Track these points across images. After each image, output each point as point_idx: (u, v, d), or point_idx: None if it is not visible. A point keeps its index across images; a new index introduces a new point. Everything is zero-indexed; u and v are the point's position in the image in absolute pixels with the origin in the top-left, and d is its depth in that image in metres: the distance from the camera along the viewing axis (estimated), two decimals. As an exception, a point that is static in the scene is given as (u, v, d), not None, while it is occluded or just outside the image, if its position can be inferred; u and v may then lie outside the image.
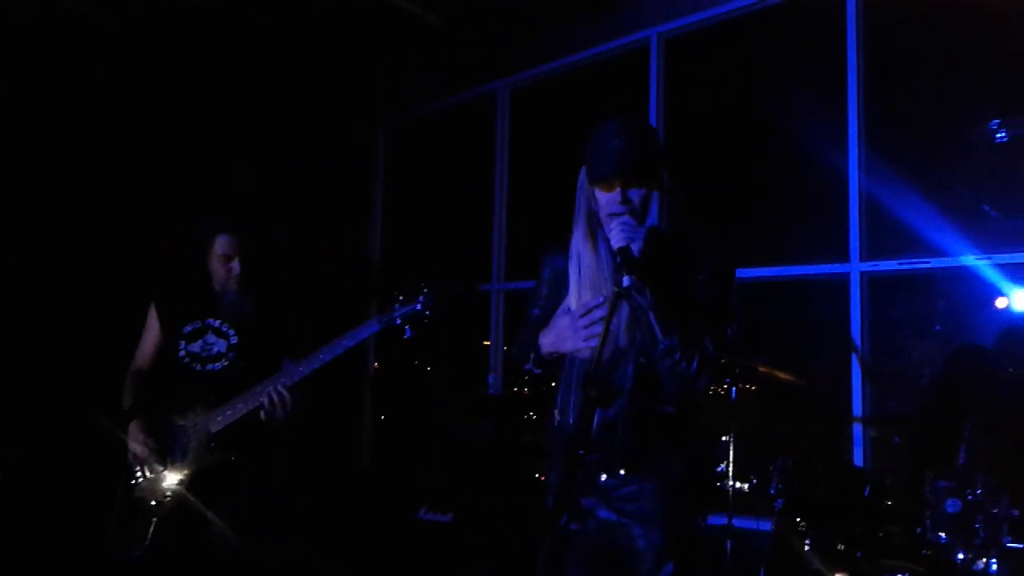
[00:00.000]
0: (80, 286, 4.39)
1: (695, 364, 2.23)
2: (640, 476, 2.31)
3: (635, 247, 2.19)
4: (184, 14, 4.53)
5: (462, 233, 5.78)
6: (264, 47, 4.96)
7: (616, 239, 2.21)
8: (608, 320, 2.12)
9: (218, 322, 3.30)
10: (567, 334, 2.31)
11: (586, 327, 2.26)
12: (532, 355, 2.43)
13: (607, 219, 2.30)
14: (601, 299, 2.25)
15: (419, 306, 3.01)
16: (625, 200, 2.27)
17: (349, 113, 5.88)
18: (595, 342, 2.16)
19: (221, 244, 3.26)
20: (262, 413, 3.07)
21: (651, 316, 2.22)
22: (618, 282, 2.16)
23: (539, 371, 2.45)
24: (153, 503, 3.18)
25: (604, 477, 2.32)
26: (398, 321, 3.01)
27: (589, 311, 2.26)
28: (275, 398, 3.04)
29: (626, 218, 2.25)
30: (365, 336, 3.04)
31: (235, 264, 3.25)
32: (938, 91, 4.02)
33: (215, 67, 4.89)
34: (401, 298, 3.03)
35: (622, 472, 2.31)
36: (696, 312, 2.28)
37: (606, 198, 2.31)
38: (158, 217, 4.45)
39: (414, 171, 6.14)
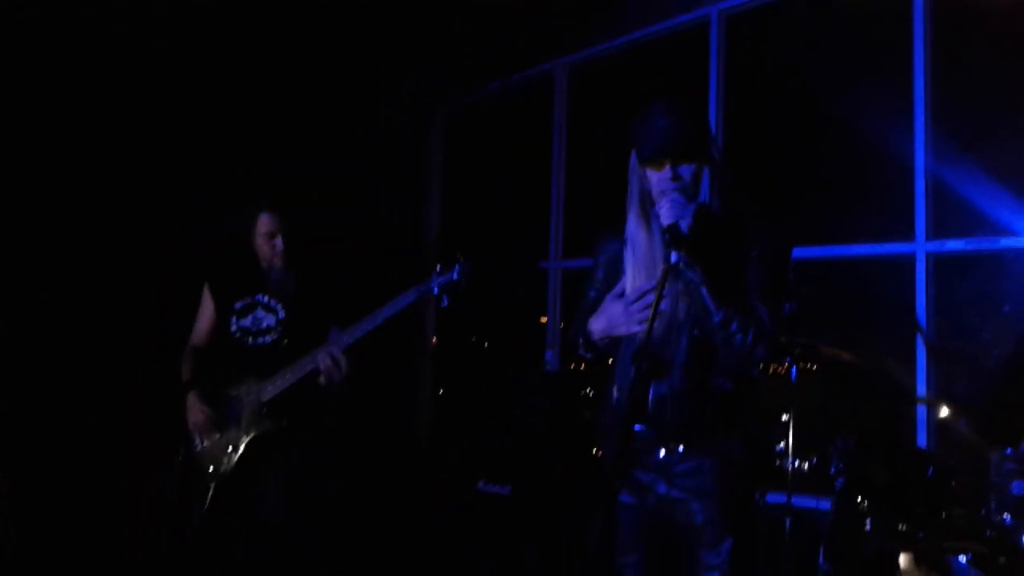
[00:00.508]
0: (140, 269, 4.52)
1: (751, 336, 2.23)
2: (697, 452, 2.32)
3: (684, 224, 2.20)
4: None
5: (521, 212, 5.80)
6: (320, 27, 4.99)
7: (665, 216, 2.23)
8: (658, 295, 2.14)
9: (266, 298, 3.42)
10: (620, 319, 2.32)
11: (640, 311, 2.27)
12: (582, 340, 2.45)
13: (659, 197, 2.30)
14: (654, 283, 2.23)
15: (455, 276, 3.09)
16: (676, 176, 2.29)
17: (407, 92, 5.91)
18: (644, 326, 2.17)
19: (264, 222, 3.38)
20: (321, 378, 3.17)
21: (703, 290, 2.23)
22: (667, 257, 2.18)
23: (590, 355, 2.47)
24: (211, 469, 3.33)
25: (663, 453, 2.34)
26: (435, 291, 3.11)
27: (642, 295, 2.27)
28: (329, 362, 3.13)
29: (675, 196, 2.26)
30: (404, 305, 3.14)
31: (278, 241, 3.37)
32: (1008, 66, 3.92)
33: (266, 46, 4.93)
34: (439, 268, 3.13)
35: (680, 448, 2.33)
36: (747, 289, 2.29)
37: (657, 176, 2.32)
38: (211, 200, 4.55)
39: (474, 151, 6.17)
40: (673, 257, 2.16)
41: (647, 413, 2.30)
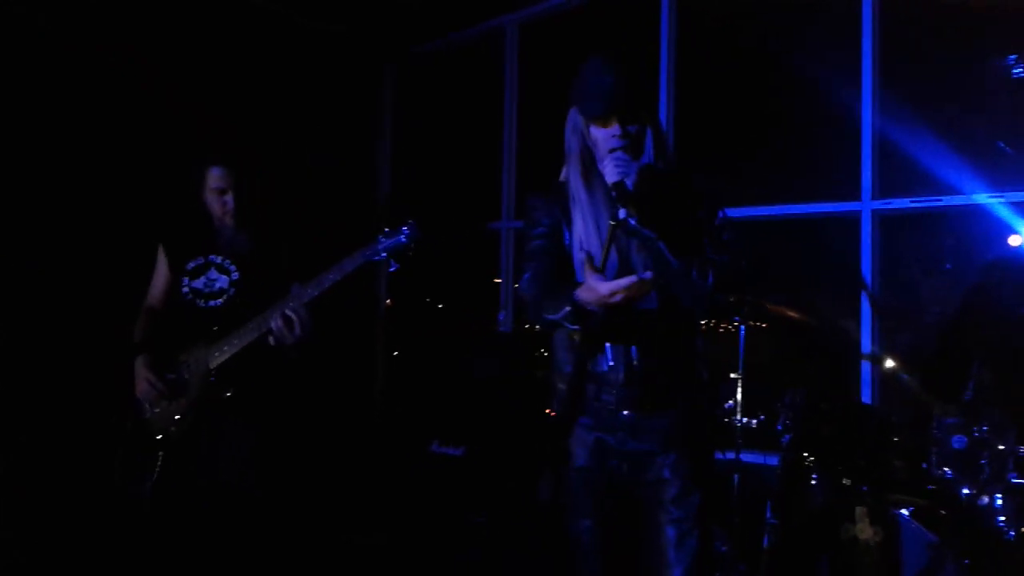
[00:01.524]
0: (90, 228, 4.40)
1: (710, 278, 2.27)
2: (664, 406, 2.35)
3: (629, 181, 2.22)
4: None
5: (472, 171, 5.75)
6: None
7: (610, 174, 2.24)
8: (606, 251, 2.18)
9: (219, 258, 3.33)
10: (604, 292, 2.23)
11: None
12: (568, 309, 2.26)
13: (604, 155, 2.30)
14: (631, 279, 2.13)
15: (403, 238, 3.02)
16: (624, 134, 2.29)
17: (355, 48, 5.81)
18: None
19: (214, 178, 3.27)
20: (271, 338, 3.10)
21: (660, 244, 2.24)
22: (614, 215, 2.19)
23: (575, 326, 2.31)
24: (159, 437, 3.26)
25: (626, 412, 2.35)
26: (383, 254, 3.03)
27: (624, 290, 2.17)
28: (281, 323, 3.07)
29: (619, 154, 2.26)
30: (350, 269, 3.05)
31: (229, 198, 3.27)
32: (953, 26, 3.96)
33: (210, 3, 4.82)
34: (386, 231, 3.04)
35: (646, 402, 2.34)
36: (699, 240, 2.32)
37: (603, 134, 2.32)
38: (163, 157, 4.43)
39: (424, 107, 6.09)
40: (621, 213, 2.18)
41: (613, 373, 2.32)
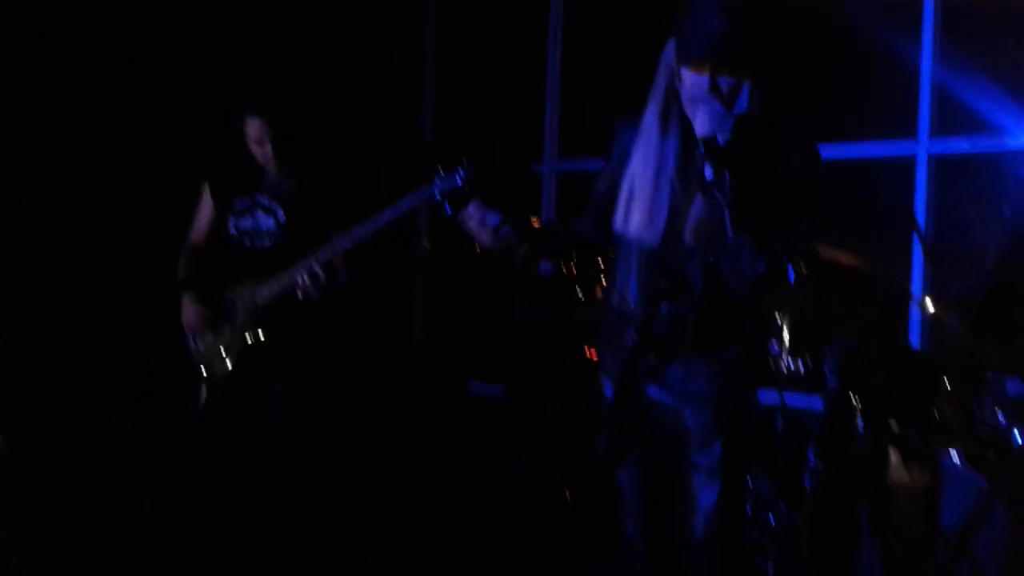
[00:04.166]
0: (138, 167, 4.43)
1: (761, 266, 2.14)
2: (691, 357, 2.29)
3: (721, 137, 2.07)
4: None
5: (515, 111, 5.66)
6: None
7: (702, 126, 2.10)
8: (685, 210, 2.06)
9: (266, 199, 3.35)
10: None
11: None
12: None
13: (689, 102, 2.17)
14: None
15: (458, 181, 2.97)
16: (714, 87, 2.11)
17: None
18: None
19: (252, 128, 3.28)
20: (299, 292, 3.13)
21: (725, 214, 2.10)
22: (699, 172, 2.07)
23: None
24: (205, 372, 3.32)
25: (654, 359, 2.28)
26: (437, 196, 2.99)
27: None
28: (307, 278, 3.09)
29: (716, 105, 2.10)
30: (405, 210, 3.05)
31: (268, 148, 3.27)
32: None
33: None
34: (441, 172, 3.00)
35: (676, 356, 2.29)
36: (772, 210, 2.17)
37: (693, 79, 2.14)
38: (209, 100, 4.43)
39: (468, 45, 5.97)
40: (707, 173, 2.05)
41: (657, 330, 2.22)
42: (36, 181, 4.26)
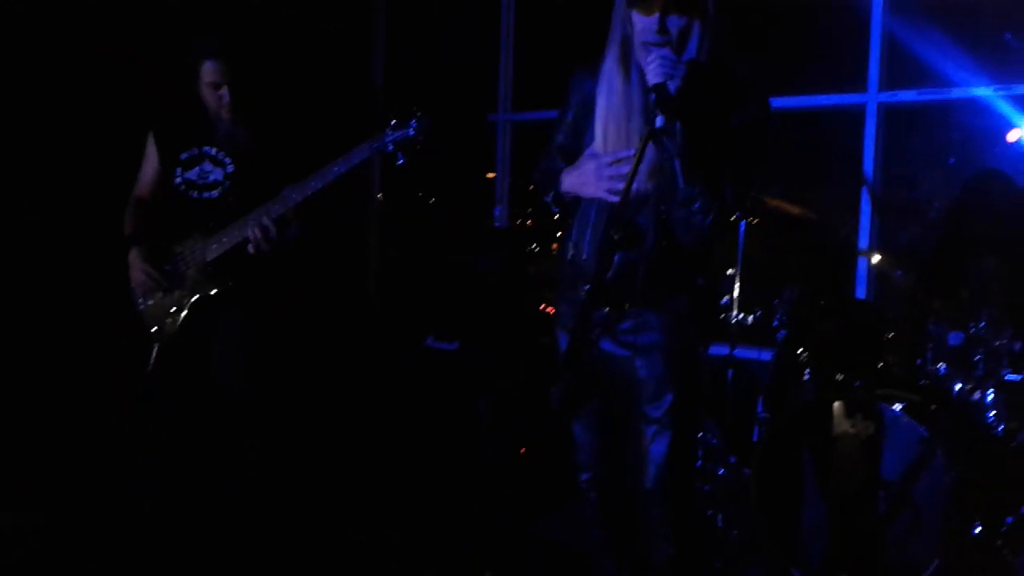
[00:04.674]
0: (79, 116, 4.29)
1: (710, 218, 2.16)
2: (643, 308, 2.31)
3: (672, 84, 2.06)
4: None
5: (470, 61, 5.57)
6: None
7: (653, 74, 2.08)
8: (637, 161, 2.03)
9: (214, 150, 3.26)
10: (591, 179, 2.24)
11: (611, 177, 2.19)
12: (552, 192, 2.39)
13: (642, 47, 2.15)
14: (632, 150, 2.13)
15: (411, 131, 2.92)
16: (662, 29, 2.10)
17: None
18: (618, 195, 2.12)
19: (208, 71, 3.15)
20: (249, 247, 3.07)
21: (676, 163, 2.12)
22: (650, 121, 2.06)
23: (556, 209, 2.41)
24: (154, 329, 3.25)
25: (607, 310, 2.32)
26: (390, 147, 2.94)
27: (618, 161, 2.18)
28: (258, 232, 3.03)
29: (666, 51, 2.10)
30: (357, 162, 2.98)
31: (224, 92, 3.17)
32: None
33: None
34: (393, 123, 2.94)
35: (625, 305, 2.31)
36: (726, 157, 2.18)
37: (643, 23, 2.14)
38: (152, 44, 4.29)
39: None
40: (658, 121, 2.04)
41: (609, 279, 2.22)
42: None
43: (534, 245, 5.04)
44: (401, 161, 2.96)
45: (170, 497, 3.35)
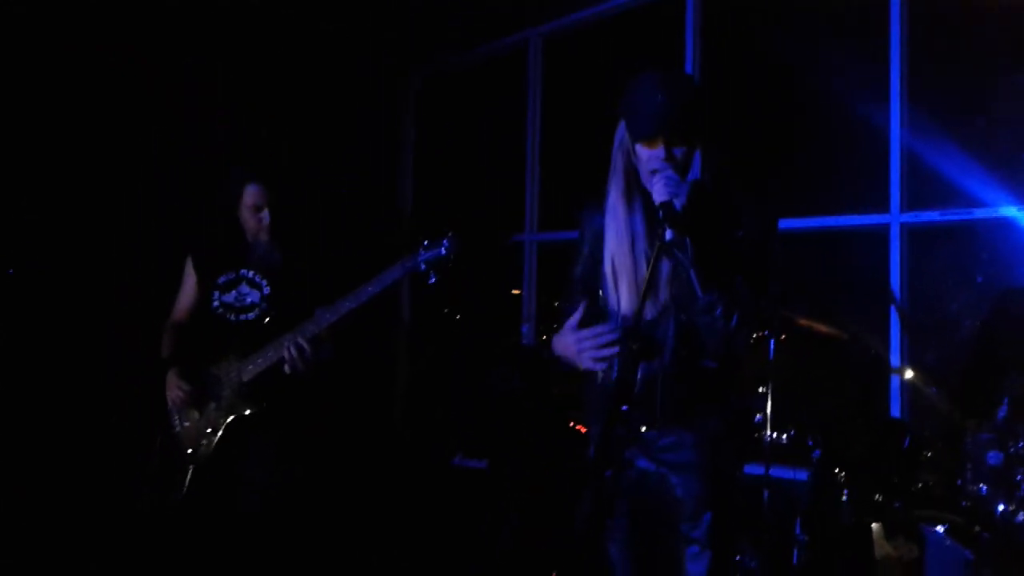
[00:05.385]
0: (122, 243, 4.42)
1: (734, 320, 2.22)
2: (679, 428, 2.33)
3: (678, 202, 2.16)
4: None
5: (496, 184, 5.74)
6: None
7: (659, 193, 2.18)
8: (651, 274, 2.12)
9: (251, 273, 3.34)
10: (572, 353, 2.30)
11: (592, 348, 2.25)
12: (546, 352, 2.47)
13: (648, 175, 2.27)
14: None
15: (443, 251, 3.00)
16: (669, 157, 2.25)
17: (378, 64, 5.83)
18: (604, 365, 2.23)
19: (250, 194, 3.28)
20: (285, 366, 3.10)
21: (691, 273, 2.20)
22: (660, 236, 2.14)
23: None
24: (190, 451, 3.25)
25: (644, 428, 2.33)
26: (422, 267, 3.01)
27: (597, 335, 2.25)
28: (293, 351, 3.07)
29: (670, 172, 2.21)
30: (390, 282, 3.04)
31: (265, 214, 3.28)
32: (982, 38, 3.93)
33: (246, 18, 4.85)
34: (425, 243, 3.03)
35: (663, 424, 2.33)
36: (737, 268, 2.26)
37: (648, 154, 2.28)
38: (192, 172, 4.46)
39: (447, 122, 6.08)
40: (668, 235, 2.13)
41: (635, 393, 2.25)
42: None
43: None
44: (433, 280, 3.02)
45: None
